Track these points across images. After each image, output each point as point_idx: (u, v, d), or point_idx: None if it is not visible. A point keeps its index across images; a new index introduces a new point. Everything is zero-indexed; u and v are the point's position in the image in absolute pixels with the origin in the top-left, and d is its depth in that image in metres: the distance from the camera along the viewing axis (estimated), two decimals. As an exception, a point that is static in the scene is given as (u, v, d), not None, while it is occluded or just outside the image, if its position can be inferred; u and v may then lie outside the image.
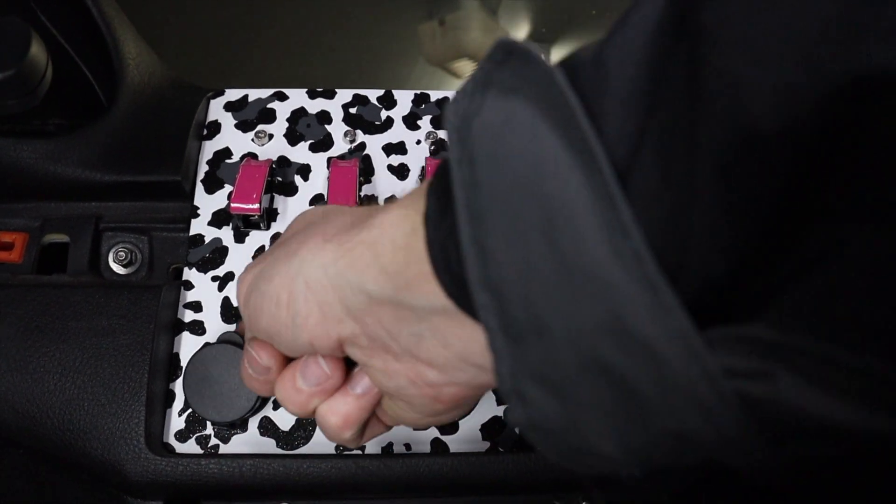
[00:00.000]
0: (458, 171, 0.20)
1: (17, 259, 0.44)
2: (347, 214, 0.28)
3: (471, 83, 0.20)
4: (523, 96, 0.19)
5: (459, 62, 1.25)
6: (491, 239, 0.19)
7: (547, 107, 0.18)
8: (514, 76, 0.19)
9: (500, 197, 0.18)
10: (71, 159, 0.45)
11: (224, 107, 0.50)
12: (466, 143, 0.20)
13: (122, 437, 0.39)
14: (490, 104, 0.19)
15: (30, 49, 0.39)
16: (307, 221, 0.29)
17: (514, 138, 0.18)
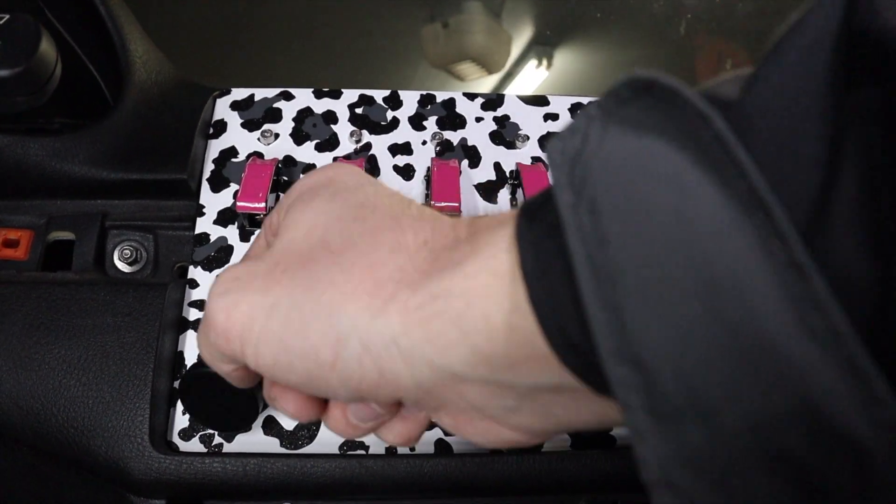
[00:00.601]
0: (574, 219, 0.17)
1: (23, 256, 0.44)
2: (383, 227, 0.23)
3: (582, 119, 0.18)
4: (663, 138, 0.16)
5: (463, 65, 1.25)
6: (628, 303, 0.16)
7: (697, 153, 0.16)
8: (647, 113, 0.17)
9: (638, 255, 0.16)
10: (77, 157, 0.45)
11: (230, 106, 0.50)
12: (584, 188, 0.17)
13: (126, 434, 0.39)
14: (615, 143, 0.17)
15: (39, 47, 0.39)
16: (317, 217, 0.25)
17: (653, 187, 0.16)
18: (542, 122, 0.51)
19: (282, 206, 0.27)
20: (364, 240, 0.23)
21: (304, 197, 0.26)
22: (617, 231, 0.16)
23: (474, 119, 0.51)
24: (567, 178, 0.17)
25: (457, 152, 0.49)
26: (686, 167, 0.16)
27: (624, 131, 0.17)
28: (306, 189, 0.26)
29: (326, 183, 0.26)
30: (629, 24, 1.23)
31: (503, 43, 1.28)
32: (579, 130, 0.18)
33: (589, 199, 0.17)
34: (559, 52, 1.26)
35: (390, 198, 0.25)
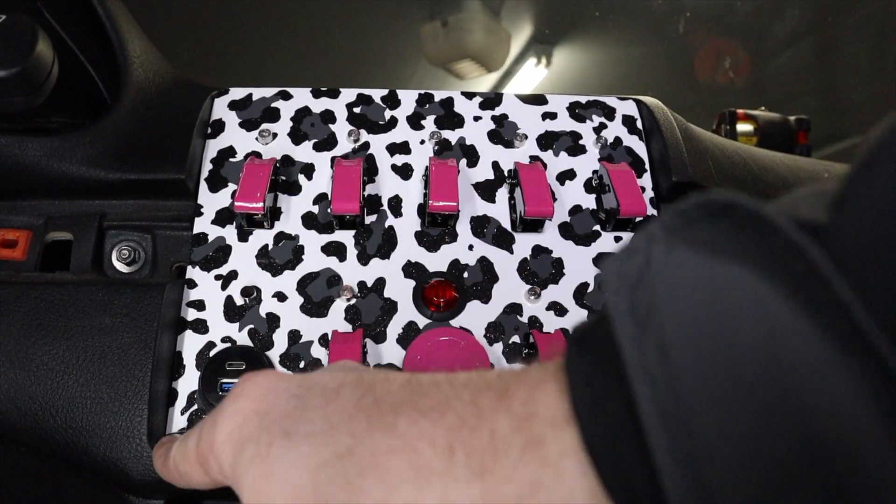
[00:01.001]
0: (639, 355, 0.15)
1: (21, 256, 0.44)
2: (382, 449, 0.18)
3: (643, 238, 0.16)
4: (749, 267, 0.14)
5: (462, 63, 1.25)
6: (709, 457, 0.14)
7: (791, 287, 0.14)
8: (723, 235, 0.15)
9: (720, 401, 0.14)
10: (75, 157, 0.45)
11: (228, 105, 0.50)
12: (650, 319, 0.15)
13: (124, 435, 0.39)
14: (686, 268, 0.15)
15: (36, 47, 0.39)
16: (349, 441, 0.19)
17: (739, 324, 0.14)
18: (541, 121, 0.51)
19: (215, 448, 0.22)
20: (370, 482, 0.18)
21: (249, 453, 0.20)
22: (692, 372, 0.14)
23: (472, 118, 0.50)
24: (627, 305, 0.15)
25: (455, 151, 0.49)
26: (776, 302, 0.13)
27: (696, 254, 0.15)
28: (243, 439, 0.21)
29: (261, 422, 0.21)
30: (628, 23, 1.23)
31: (502, 41, 1.27)
32: (639, 251, 0.16)
33: (656, 331, 0.15)
34: (558, 50, 1.26)
35: (339, 391, 0.21)
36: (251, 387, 0.22)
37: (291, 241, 0.45)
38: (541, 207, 0.44)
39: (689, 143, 0.51)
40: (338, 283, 0.44)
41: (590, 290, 0.46)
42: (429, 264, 0.45)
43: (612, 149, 0.50)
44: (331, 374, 0.22)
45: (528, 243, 0.46)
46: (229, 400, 0.22)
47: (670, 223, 0.16)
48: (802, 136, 0.84)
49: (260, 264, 0.45)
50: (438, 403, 0.19)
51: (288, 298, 0.44)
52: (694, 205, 0.16)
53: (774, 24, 1.32)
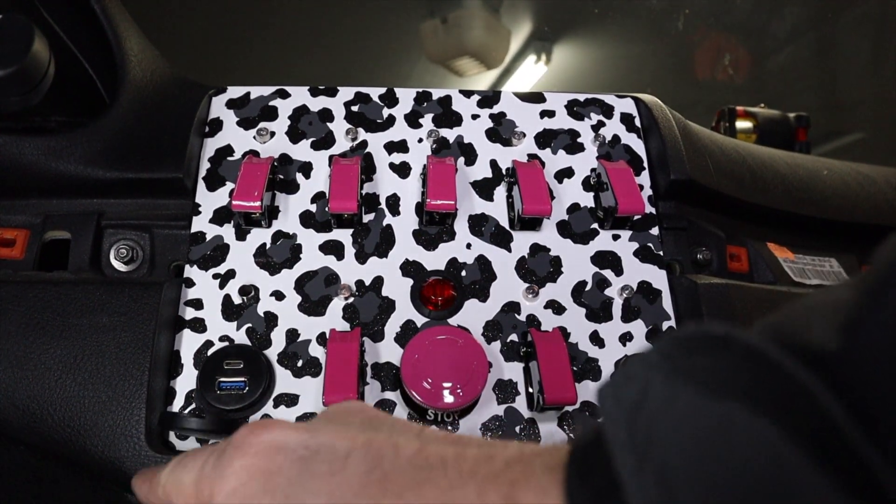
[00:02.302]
0: (639, 489, 0.14)
1: (19, 255, 0.44)
2: None
3: (639, 365, 0.16)
4: (753, 407, 0.14)
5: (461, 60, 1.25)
6: None
7: (800, 431, 0.13)
8: (726, 371, 0.14)
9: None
10: (73, 156, 0.45)
11: (226, 104, 0.50)
12: (650, 450, 0.14)
13: (122, 434, 0.39)
14: (687, 403, 0.14)
15: (32, 46, 0.39)
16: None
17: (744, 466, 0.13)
18: (539, 119, 0.51)
19: (221, 484, 0.22)
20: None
21: (245, 493, 0.21)
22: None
23: (470, 116, 0.50)
24: (626, 434, 0.15)
25: (453, 150, 0.49)
26: (783, 446, 0.13)
27: (695, 390, 0.14)
28: (242, 479, 0.21)
29: (261, 486, 0.21)
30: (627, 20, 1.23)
31: (502, 39, 1.27)
32: (637, 379, 0.16)
33: (657, 466, 0.14)
34: (558, 47, 1.26)
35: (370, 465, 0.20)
36: (259, 444, 0.22)
37: (289, 240, 0.45)
38: (539, 206, 0.44)
39: (688, 140, 0.51)
40: (336, 282, 0.44)
41: (588, 289, 0.46)
42: (427, 263, 0.45)
43: (611, 147, 0.50)
44: (340, 432, 0.22)
45: (526, 241, 0.46)
46: (236, 453, 0.22)
47: (668, 352, 0.16)
48: (802, 133, 0.84)
49: (258, 263, 0.45)
50: (443, 495, 0.19)
51: (286, 297, 0.44)
52: (691, 336, 0.16)
53: (774, 21, 1.32)
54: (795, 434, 0.13)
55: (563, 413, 0.42)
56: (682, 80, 1.31)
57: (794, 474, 0.13)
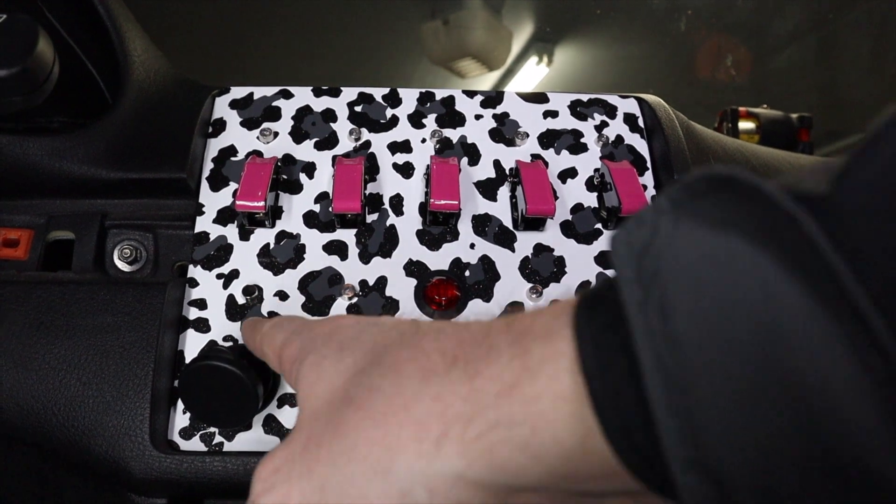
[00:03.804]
0: (642, 318, 0.16)
1: (23, 256, 0.44)
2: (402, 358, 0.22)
3: (651, 211, 0.17)
4: (744, 236, 0.15)
5: (463, 61, 1.25)
6: (701, 411, 0.15)
7: (783, 255, 0.14)
8: (725, 209, 0.16)
9: (714, 360, 0.15)
10: (76, 156, 0.45)
11: (229, 104, 0.50)
12: (654, 285, 0.16)
13: (126, 434, 0.39)
14: (689, 239, 0.16)
15: (37, 46, 0.39)
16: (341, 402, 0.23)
17: (733, 287, 0.15)
18: (542, 119, 0.51)
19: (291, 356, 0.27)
20: (388, 381, 0.22)
21: (310, 360, 0.25)
22: (691, 333, 0.15)
23: (473, 117, 0.50)
24: (634, 272, 0.16)
25: (456, 150, 0.49)
26: (771, 269, 0.14)
27: (699, 226, 0.16)
28: (310, 349, 0.26)
29: (326, 340, 0.26)
30: (629, 20, 1.23)
31: (503, 39, 1.27)
32: (647, 222, 0.17)
33: (659, 297, 0.16)
34: (559, 48, 1.26)
35: (397, 327, 0.25)
36: (332, 317, 0.28)
37: (293, 240, 0.45)
38: (542, 206, 0.44)
39: (691, 141, 0.51)
40: (339, 282, 0.44)
41: (591, 289, 0.45)
42: (430, 263, 0.45)
43: (614, 147, 0.50)
44: (398, 319, 0.26)
45: (530, 242, 0.46)
46: (313, 324, 0.28)
47: (676, 197, 0.17)
48: (804, 134, 0.84)
49: (261, 263, 0.45)
50: (455, 330, 0.22)
51: (289, 297, 0.44)
52: (697, 179, 0.17)
53: (775, 21, 1.32)
54: (784, 260, 0.14)
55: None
56: (684, 81, 1.31)
57: (780, 296, 0.14)
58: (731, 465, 0.15)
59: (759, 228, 0.15)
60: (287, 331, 0.29)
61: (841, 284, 0.14)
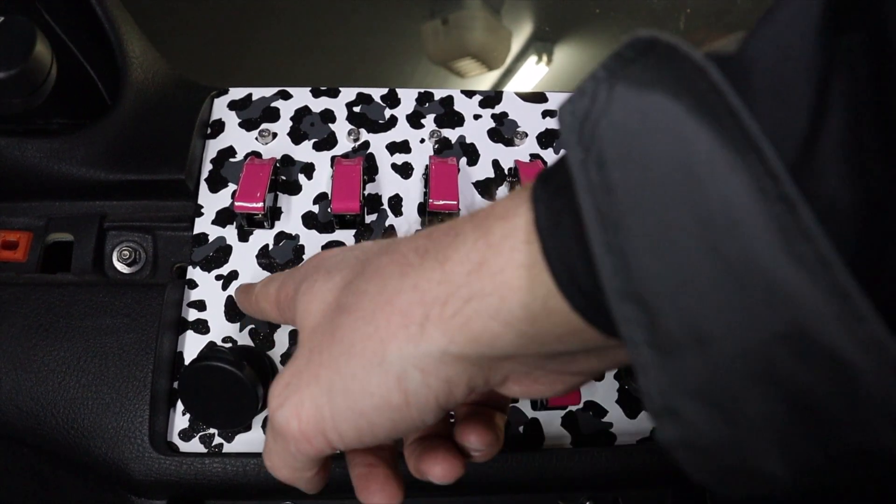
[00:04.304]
0: (583, 174, 0.18)
1: (22, 258, 0.44)
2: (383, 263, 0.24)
3: (590, 81, 0.19)
4: (663, 92, 0.17)
5: (463, 61, 1.25)
6: (631, 245, 0.17)
7: (694, 103, 0.17)
8: (649, 71, 0.18)
9: (640, 200, 0.17)
10: (75, 158, 0.45)
11: (228, 105, 0.50)
12: (592, 144, 0.18)
13: (126, 435, 0.39)
14: (620, 101, 0.18)
15: (34, 48, 0.39)
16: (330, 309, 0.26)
17: (654, 137, 0.17)
18: (541, 119, 0.51)
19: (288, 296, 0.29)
20: (372, 284, 0.24)
21: (303, 288, 0.28)
22: (621, 179, 0.17)
23: (472, 117, 0.50)
24: (576, 137, 0.18)
25: (455, 150, 0.49)
26: (684, 116, 0.16)
27: (628, 89, 0.18)
28: (302, 280, 0.28)
29: (315, 268, 0.28)
30: (629, 20, 1.23)
31: (503, 39, 1.27)
32: (587, 92, 0.19)
33: (597, 154, 0.18)
34: (559, 48, 1.26)
35: (377, 243, 0.27)
36: (318, 253, 0.31)
37: (292, 241, 0.45)
38: None
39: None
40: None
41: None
42: (429, 263, 0.45)
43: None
44: (378, 240, 0.29)
45: (529, 241, 0.46)
46: (304, 263, 0.30)
47: (609, 65, 0.19)
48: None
49: (261, 264, 0.45)
50: (426, 232, 0.25)
51: (289, 298, 0.44)
52: (625, 45, 0.19)
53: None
54: (694, 106, 0.16)
55: (566, 412, 0.42)
56: (684, 80, 1.31)
57: (691, 136, 0.16)
58: (655, 291, 0.17)
59: (677, 83, 0.17)
60: (278, 280, 0.31)
61: (740, 121, 0.16)
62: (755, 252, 0.15)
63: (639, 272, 0.17)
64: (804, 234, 0.15)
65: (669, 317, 0.17)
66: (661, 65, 0.18)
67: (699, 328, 0.16)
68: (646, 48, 0.18)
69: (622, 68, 0.18)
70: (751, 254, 0.15)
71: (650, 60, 0.18)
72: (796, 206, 0.15)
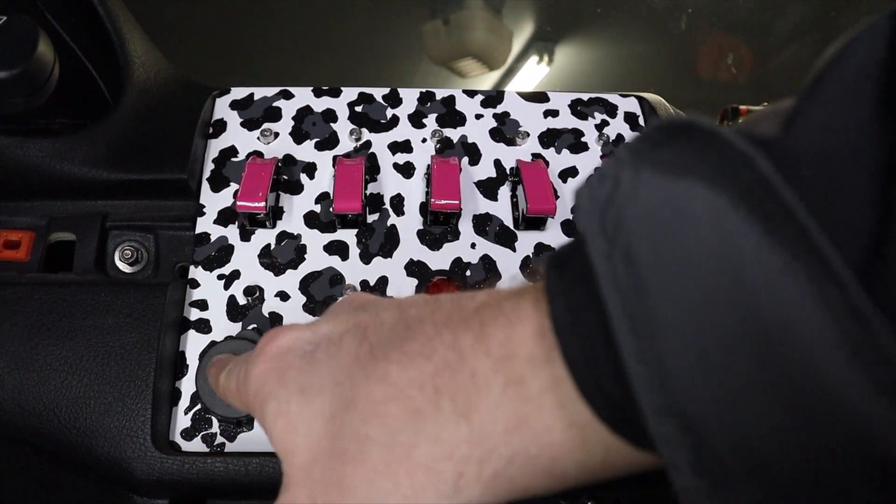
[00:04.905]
0: (608, 268, 0.16)
1: (24, 257, 0.44)
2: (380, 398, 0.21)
3: (613, 164, 0.17)
4: (701, 180, 0.15)
5: (464, 61, 1.25)
6: (672, 357, 0.15)
7: (739, 195, 0.15)
8: (682, 155, 0.16)
9: (680, 305, 0.15)
10: (77, 158, 0.45)
11: (230, 105, 0.50)
12: (618, 235, 0.16)
13: (128, 435, 0.39)
14: (649, 188, 0.16)
15: (37, 48, 0.39)
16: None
17: (692, 232, 0.15)
18: (542, 118, 0.51)
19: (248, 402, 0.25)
20: (375, 428, 0.21)
21: (272, 408, 0.23)
22: (656, 280, 0.15)
23: (474, 116, 0.50)
24: (598, 224, 0.16)
25: (457, 150, 0.49)
26: (728, 211, 0.15)
27: (658, 175, 0.16)
28: (267, 396, 0.24)
29: (281, 382, 0.23)
30: (630, 19, 1.23)
31: (504, 39, 1.27)
32: (609, 176, 0.17)
33: (623, 246, 0.16)
34: (560, 47, 1.26)
35: (343, 344, 0.23)
36: (272, 349, 0.25)
37: (294, 241, 0.45)
38: (543, 205, 0.44)
39: (692, 139, 0.50)
40: (340, 283, 0.44)
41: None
42: (431, 263, 0.45)
43: (615, 146, 0.50)
44: (335, 320, 0.24)
45: (531, 241, 0.46)
46: (256, 360, 0.25)
47: (636, 148, 0.17)
48: (805, 132, 0.83)
49: (262, 264, 0.45)
50: (423, 347, 0.21)
51: (290, 298, 0.44)
52: (656, 128, 0.17)
53: (777, 20, 1.31)
54: (740, 200, 0.14)
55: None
56: (685, 80, 1.31)
57: (737, 235, 0.14)
58: (702, 411, 0.15)
59: (716, 171, 0.15)
60: (234, 376, 0.27)
61: (795, 219, 0.14)
62: (821, 372, 0.13)
63: (681, 388, 0.15)
64: (880, 355, 0.13)
65: (719, 440, 0.14)
66: (697, 150, 0.16)
67: (756, 454, 0.14)
68: (678, 131, 0.16)
69: (650, 151, 0.16)
70: (816, 374, 0.13)
71: (684, 144, 0.16)
72: (870, 321, 0.13)
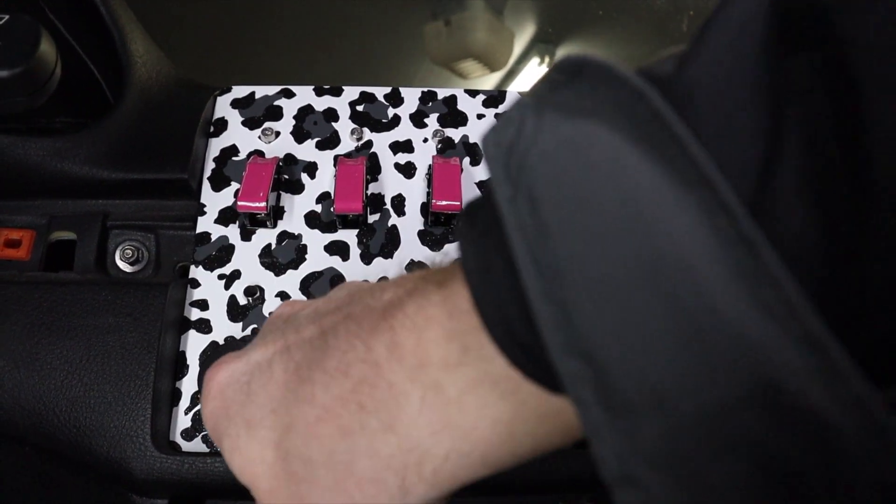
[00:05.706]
0: (513, 212, 0.16)
1: (24, 256, 0.44)
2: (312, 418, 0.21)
3: (516, 108, 0.17)
4: (598, 119, 0.15)
5: (465, 62, 1.25)
6: (574, 295, 0.15)
7: (634, 131, 0.15)
8: (582, 96, 0.16)
9: (581, 244, 0.15)
10: (78, 157, 0.45)
11: (231, 104, 0.50)
12: (521, 179, 0.16)
13: (128, 435, 0.39)
14: (550, 131, 0.16)
15: (39, 47, 0.39)
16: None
17: (590, 171, 0.15)
18: (544, 119, 0.51)
19: (207, 427, 0.26)
20: (313, 450, 0.21)
21: (227, 445, 0.24)
22: (558, 220, 0.15)
23: (476, 116, 0.50)
24: (503, 170, 0.17)
25: (458, 150, 0.49)
26: (623, 147, 0.15)
27: (559, 117, 0.16)
28: (222, 435, 0.25)
29: (226, 417, 0.24)
30: (631, 21, 1.23)
31: (505, 40, 1.27)
32: (513, 121, 0.17)
33: (527, 190, 0.16)
34: (561, 49, 1.26)
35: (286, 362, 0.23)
36: (212, 387, 0.25)
37: (294, 241, 0.45)
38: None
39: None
40: (341, 283, 0.44)
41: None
42: (432, 263, 0.45)
43: (616, 147, 0.50)
44: (264, 346, 0.25)
45: (532, 242, 0.46)
46: (204, 402, 0.26)
47: (537, 90, 0.17)
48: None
49: (263, 264, 0.44)
50: (339, 363, 0.21)
51: (291, 298, 0.44)
52: (556, 68, 0.17)
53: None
54: (634, 135, 0.15)
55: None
56: (687, 82, 1.31)
57: (632, 170, 0.14)
58: (603, 346, 0.15)
59: (612, 109, 0.15)
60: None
61: (687, 151, 0.14)
62: (713, 301, 0.13)
63: (583, 325, 0.15)
64: (768, 279, 0.13)
65: (621, 375, 0.15)
66: (594, 89, 0.16)
67: (656, 388, 0.14)
68: (576, 70, 0.16)
69: (551, 93, 0.17)
70: (708, 303, 0.14)
71: (582, 84, 0.16)
72: (757, 247, 0.13)
